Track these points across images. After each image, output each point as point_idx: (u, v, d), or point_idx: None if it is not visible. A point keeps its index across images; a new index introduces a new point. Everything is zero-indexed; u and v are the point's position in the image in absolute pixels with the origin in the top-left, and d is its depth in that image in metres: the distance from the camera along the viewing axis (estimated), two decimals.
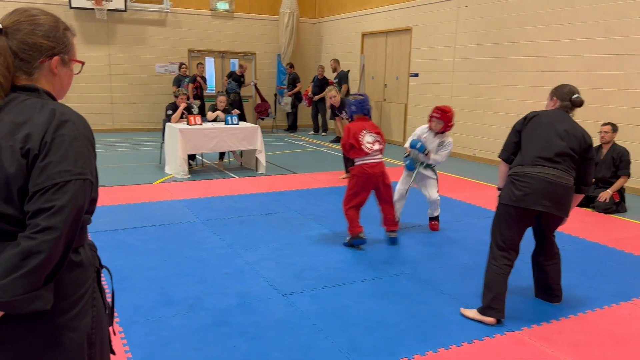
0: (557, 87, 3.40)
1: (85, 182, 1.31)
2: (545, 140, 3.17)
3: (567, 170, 3.16)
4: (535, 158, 3.14)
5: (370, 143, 4.45)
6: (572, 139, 3.17)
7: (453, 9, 9.70)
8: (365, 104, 4.61)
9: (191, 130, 7.37)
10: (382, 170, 4.49)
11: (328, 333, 3.05)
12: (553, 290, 3.51)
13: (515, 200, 3.12)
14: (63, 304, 1.38)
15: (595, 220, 5.64)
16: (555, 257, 3.49)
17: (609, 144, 6.08)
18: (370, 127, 4.53)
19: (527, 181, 3.10)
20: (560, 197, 3.13)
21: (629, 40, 6.92)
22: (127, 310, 3.27)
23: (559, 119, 3.25)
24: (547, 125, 3.21)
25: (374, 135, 4.49)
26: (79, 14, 11.59)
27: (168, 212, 5.53)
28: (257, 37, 13.74)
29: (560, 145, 3.14)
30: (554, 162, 3.12)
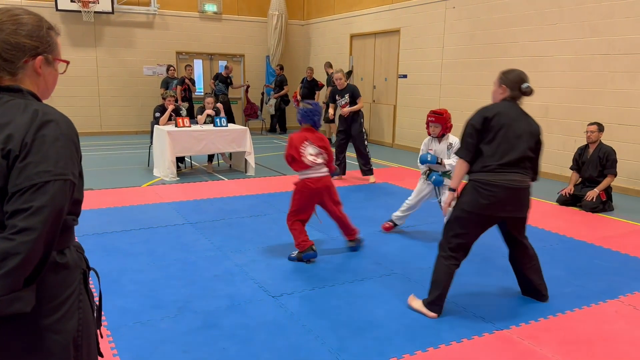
0: (505, 73, 3.27)
1: (66, 183, 1.29)
2: (508, 145, 3.11)
3: (527, 170, 3.19)
4: (499, 165, 3.09)
5: (313, 155, 4.16)
6: (530, 139, 3.19)
7: (441, 10, 9.75)
8: (312, 114, 4.28)
9: (179, 133, 7.33)
10: (326, 185, 4.24)
11: (318, 334, 3.04)
12: (539, 291, 3.52)
13: (480, 208, 3.12)
14: (48, 306, 1.36)
15: (582, 219, 5.69)
16: (532, 259, 3.49)
17: (595, 143, 6.14)
18: (314, 139, 4.22)
19: (492, 190, 3.08)
20: (522, 199, 3.20)
21: (614, 40, 6.99)
22: (115, 314, 3.24)
23: (516, 118, 3.18)
24: (507, 128, 3.12)
25: (317, 147, 4.18)
26: (66, 16, 11.50)
27: (156, 215, 5.50)
28: (246, 38, 13.71)
29: (522, 149, 3.14)
30: (516, 167, 3.13)
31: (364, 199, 6.47)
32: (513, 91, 3.22)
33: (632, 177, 6.93)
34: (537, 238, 4.92)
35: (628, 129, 6.92)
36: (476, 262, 4.26)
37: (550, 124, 7.97)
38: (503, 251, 4.52)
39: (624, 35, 6.88)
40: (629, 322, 3.26)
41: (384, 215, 5.69)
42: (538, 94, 8.07)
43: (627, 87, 6.90)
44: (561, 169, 7.66)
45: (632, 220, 5.65)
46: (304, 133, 4.27)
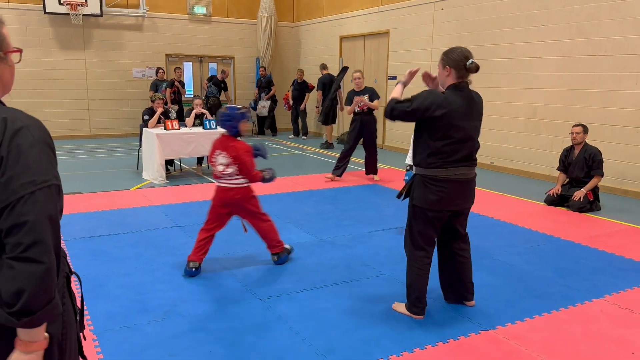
0: (447, 53, 3.13)
1: (52, 188, 1.29)
2: (458, 143, 3.05)
3: (474, 162, 3.18)
4: (447, 161, 3.06)
5: (222, 165, 3.93)
6: (478, 127, 3.18)
7: (429, 12, 9.80)
8: (227, 119, 3.95)
9: (168, 135, 7.31)
10: (238, 197, 3.98)
11: (305, 336, 3.04)
12: (467, 290, 3.43)
13: (430, 203, 3.12)
14: None
15: (569, 219, 5.74)
16: (467, 246, 3.42)
17: (580, 144, 6.18)
18: (226, 148, 3.91)
19: (442, 185, 3.08)
20: (471, 190, 3.22)
21: (600, 41, 7.06)
22: (101, 318, 3.22)
23: (467, 111, 3.07)
24: (459, 124, 3.02)
25: (228, 158, 3.90)
26: (54, 19, 11.43)
27: (145, 218, 5.48)
28: (236, 41, 13.70)
29: (472, 145, 3.12)
30: (465, 161, 3.11)
31: (353, 200, 6.48)
32: (459, 71, 3.08)
33: (618, 177, 6.99)
34: (524, 238, 4.98)
35: (614, 129, 6.99)
36: None
37: (538, 124, 8.04)
38: (490, 253, 4.57)
39: (609, 36, 6.95)
40: (614, 321, 3.29)
41: (374, 216, 5.72)
42: (526, 95, 8.17)
43: (613, 88, 6.96)
44: (549, 169, 7.72)
45: (618, 219, 5.70)
46: (220, 140, 4.01)
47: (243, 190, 4.02)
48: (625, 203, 6.51)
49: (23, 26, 11.22)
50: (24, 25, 11.22)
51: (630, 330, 3.16)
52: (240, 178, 3.98)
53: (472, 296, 3.46)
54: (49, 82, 11.66)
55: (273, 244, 4.19)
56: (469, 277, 3.43)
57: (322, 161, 9.56)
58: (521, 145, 8.31)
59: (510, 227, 5.35)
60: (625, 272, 4.12)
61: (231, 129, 3.98)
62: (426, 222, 3.18)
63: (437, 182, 3.09)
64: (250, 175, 3.97)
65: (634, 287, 3.83)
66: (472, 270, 3.45)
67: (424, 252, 3.24)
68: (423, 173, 3.14)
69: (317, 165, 9.11)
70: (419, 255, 3.24)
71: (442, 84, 3.21)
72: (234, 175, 3.96)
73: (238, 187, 3.99)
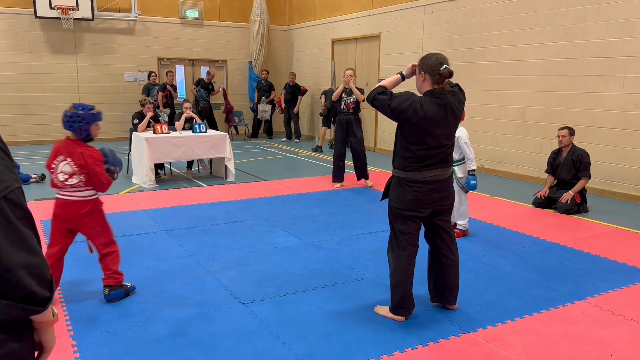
0: (423, 59, 3.15)
1: (14, 192, 1.28)
2: (433, 149, 3.10)
3: (449, 163, 3.23)
4: (421, 165, 3.11)
5: (64, 174, 3.35)
6: (453, 132, 3.20)
7: (419, 16, 9.83)
8: (76, 120, 3.32)
9: (158, 139, 7.31)
10: (81, 212, 3.41)
11: (285, 340, 3.04)
12: (451, 292, 3.43)
13: (407, 204, 3.15)
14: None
15: (556, 221, 5.76)
16: (454, 247, 3.42)
17: (567, 147, 6.21)
18: (71, 154, 3.35)
19: (418, 186, 3.12)
20: (447, 188, 3.24)
21: (587, 44, 7.10)
22: (82, 324, 3.22)
23: (442, 119, 3.08)
24: (433, 131, 3.07)
25: (72, 166, 3.34)
26: (45, 23, 11.42)
27: (132, 222, 5.47)
28: (228, 44, 13.71)
29: (446, 150, 3.16)
30: (439, 164, 3.16)
31: (342, 203, 6.49)
32: (434, 76, 3.11)
33: (606, 179, 7.02)
34: (510, 240, 4.99)
35: (602, 131, 7.02)
36: None
37: (527, 126, 8.07)
38: (475, 255, 4.57)
39: (596, 39, 6.98)
40: (595, 323, 3.30)
41: (361, 219, 5.72)
42: (515, 98, 8.20)
43: (600, 90, 7.00)
44: (538, 171, 7.74)
45: (605, 221, 5.72)
46: (63, 144, 3.42)
47: (89, 203, 3.44)
48: (612, 205, 6.54)
49: (14, 30, 11.20)
50: (14, 29, 11.20)
51: (609, 332, 3.18)
52: (86, 190, 3.41)
53: (455, 300, 3.46)
54: (40, 87, 11.63)
55: (109, 275, 3.56)
56: (453, 280, 3.42)
57: (314, 164, 9.57)
58: (511, 147, 8.34)
59: (496, 230, 5.36)
60: (609, 274, 4.14)
61: (81, 132, 3.36)
62: (405, 221, 3.20)
63: (413, 184, 3.13)
64: (102, 187, 3.44)
65: (616, 289, 3.85)
66: (458, 274, 3.44)
67: (407, 252, 3.24)
68: (399, 175, 3.19)
69: (308, 169, 9.12)
70: (402, 255, 3.24)
71: (419, 89, 3.23)
72: (78, 187, 3.38)
73: (83, 201, 3.41)
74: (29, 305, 1.26)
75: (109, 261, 3.57)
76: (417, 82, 3.22)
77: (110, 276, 3.56)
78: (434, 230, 3.36)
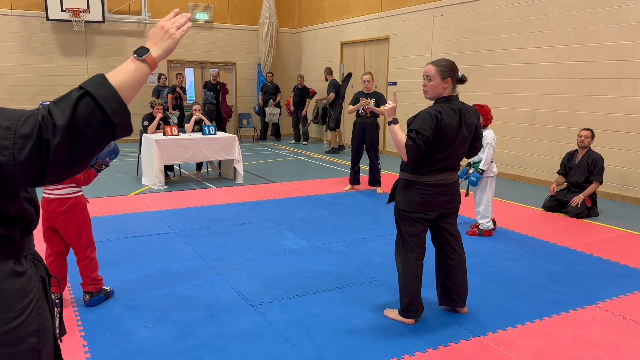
0: (447, 66, 3.13)
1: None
2: (450, 152, 3.15)
3: (458, 168, 3.30)
4: (433, 169, 3.15)
5: None
6: (468, 137, 3.23)
7: (428, 18, 9.82)
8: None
9: (167, 141, 7.35)
10: (59, 210, 3.32)
11: (294, 342, 3.05)
12: (460, 295, 3.42)
13: (414, 206, 3.17)
14: (7, 315, 1.37)
15: (566, 224, 5.72)
16: (460, 250, 3.42)
17: (585, 149, 6.16)
18: None
19: (425, 189, 3.15)
20: (454, 191, 3.27)
21: (598, 47, 7.06)
22: (93, 324, 3.24)
23: (458, 123, 3.13)
24: (450, 135, 3.10)
25: None
26: (56, 25, 11.53)
27: (141, 224, 5.50)
28: (237, 47, 13.76)
29: (458, 154, 3.22)
30: (448, 169, 3.21)
31: (350, 206, 6.48)
32: (454, 83, 3.16)
33: (617, 183, 6.97)
34: (519, 244, 4.97)
35: (613, 134, 6.97)
36: None
37: (536, 130, 8.03)
38: (485, 258, 4.56)
39: (607, 42, 6.94)
40: (605, 328, 3.27)
41: (370, 221, 5.72)
42: (524, 101, 8.17)
43: (611, 94, 6.96)
44: (547, 174, 7.70)
45: (616, 225, 5.68)
46: None
47: (68, 201, 3.34)
48: (623, 209, 6.49)
49: (26, 33, 11.31)
50: (26, 32, 11.31)
51: (621, 337, 3.15)
52: (65, 187, 3.34)
53: (464, 303, 3.45)
54: (51, 88, 11.73)
55: (89, 282, 3.51)
56: (460, 282, 3.41)
57: (322, 166, 9.57)
58: (520, 150, 8.31)
59: (506, 233, 5.34)
60: (619, 279, 4.11)
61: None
62: (412, 223, 3.22)
63: (421, 186, 3.15)
64: (84, 182, 3.40)
65: (627, 294, 3.82)
66: (466, 277, 3.43)
67: (415, 254, 3.25)
68: (407, 178, 3.20)
69: (317, 171, 9.13)
70: (410, 257, 3.24)
71: (438, 94, 3.18)
72: (63, 185, 3.32)
73: (62, 198, 3.33)
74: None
75: (88, 269, 3.49)
76: (438, 88, 3.15)
77: (90, 283, 3.51)
78: (439, 233, 3.36)
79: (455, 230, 3.38)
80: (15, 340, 1.38)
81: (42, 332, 1.46)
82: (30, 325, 1.42)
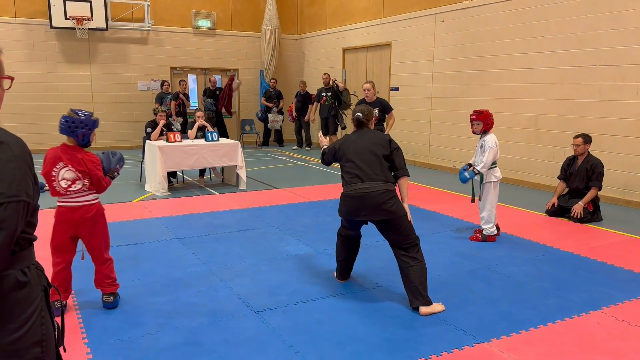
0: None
1: (20, 204, 1.32)
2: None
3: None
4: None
5: (67, 181, 3.36)
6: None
7: (430, 24, 9.85)
8: (79, 126, 3.37)
9: (170, 148, 7.37)
10: (86, 217, 3.43)
11: (298, 349, 3.04)
12: (412, 293, 3.58)
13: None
14: (11, 325, 1.38)
15: (570, 229, 5.70)
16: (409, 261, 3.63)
17: (583, 155, 6.15)
18: (71, 160, 3.37)
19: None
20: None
21: (600, 52, 7.06)
22: (97, 331, 3.24)
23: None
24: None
25: (74, 172, 3.37)
26: (60, 33, 11.60)
27: (145, 230, 5.51)
28: (240, 53, 13.82)
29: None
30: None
31: None
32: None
33: (621, 187, 6.95)
34: (523, 249, 4.96)
35: (616, 139, 6.96)
36: (459, 275, 4.28)
37: (539, 135, 8.03)
38: (488, 264, 4.55)
39: (609, 46, 6.95)
40: (610, 334, 3.26)
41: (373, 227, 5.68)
42: (527, 106, 8.17)
43: (613, 98, 6.95)
44: (551, 179, 7.69)
45: (619, 230, 5.66)
46: (60, 151, 3.41)
47: (93, 207, 3.47)
48: (627, 214, 6.47)
49: (30, 40, 11.38)
50: (30, 39, 11.39)
51: (626, 343, 3.14)
52: (89, 194, 3.45)
53: (418, 302, 3.52)
54: (55, 96, 11.79)
55: (111, 282, 3.60)
56: (412, 281, 3.55)
57: (325, 172, 9.58)
58: (523, 155, 8.30)
59: (510, 238, 5.33)
60: (624, 284, 4.09)
61: (83, 138, 3.41)
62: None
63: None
64: (102, 190, 3.52)
65: (632, 299, 3.80)
66: (418, 276, 3.56)
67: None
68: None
69: (319, 177, 9.13)
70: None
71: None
72: (81, 192, 3.41)
73: (88, 205, 3.44)
74: None
75: (109, 270, 3.61)
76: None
77: (112, 284, 3.60)
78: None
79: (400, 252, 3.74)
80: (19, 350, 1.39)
81: (45, 341, 1.46)
82: (34, 335, 1.43)
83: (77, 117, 3.37)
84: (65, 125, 3.38)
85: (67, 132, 3.39)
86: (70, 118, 3.37)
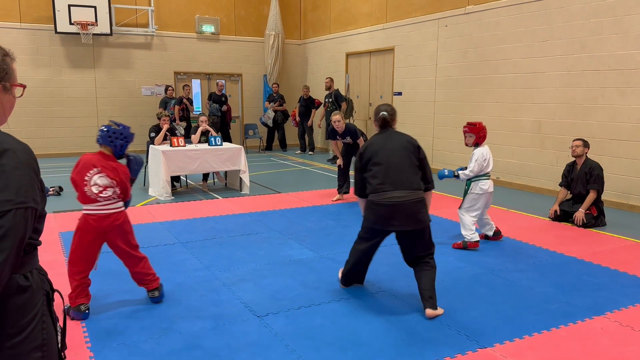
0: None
1: (27, 210, 1.33)
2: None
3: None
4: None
5: (99, 187, 3.44)
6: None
7: (433, 29, 9.86)
8: (119, 137, 3.57)
9: (174, 152, 7.39)
10: (116, 224, 3.52)
11: (301, 353, 3.04)
12: (422, 295, 3.59)
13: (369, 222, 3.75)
14: (11, 329, 1.38)
15: (573, 234, 5.69)
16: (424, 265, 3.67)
17: (581, 158, 6.13)
18: (106, 167, 3.49)
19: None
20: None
21: (603, 56, 7.05)
22: (100, 335, 3.24)
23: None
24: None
25: (107, 179, 3.47)
26: (65, 38, 11.66)
27: (148, 234, 5.51)
28: (243, 58, 13.86)
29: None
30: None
31: (356, 216, 6.47)
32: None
33: (625, 192, 6.93)
34: (527, 254, 4.94)
35: (620, 143, 6.94)
36: (462, 280, 4.27)
37: (542, 139, 8.01)
38: (492, 269, 4.54)
39: (613, 51, 6.94)
40: (614, 339, 3.24)
41: None
42: (530, 110, 8.16)
43: (617, 103, 6.94)
44: (554, 184, 7.67)
45: (623, 235, 5.64)
46: (95, 158, 3.53)
47: (122, 214, 3.59)
48: (631, 218, 6.45)
49: (35, 46, 11.45)
50: (35, 44, 11.45)
51: (630, 348, 3.12)
52: (118, 201, 3.55)
53: (428, 304, 3.52)
54: (59, 100, 11.85)
55: (146, 279, 3.71)
56: (423, 284, 3.58)
57: (328, 177, 9.59)
58: (526, 160, 8.29)
59: (513, 243, 5.31)
60: (628, 289, 4.07)
61: (120, 149, 3.59)
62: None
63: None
64: (128, 198, 3.65)
65: (636, 304, 3.78)
66: (429, 280, 3.59)
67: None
68: None
69: (323, 181, 9.14)
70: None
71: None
72: (111, 199, 3.49)
73: (118, 213, 3.54)
74: None
75: (146, 267, 3.72)
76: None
77: (154, 279, 3.73)
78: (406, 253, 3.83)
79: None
80: (19, 355, 1.39)
81: (46, 346, 1.47)
82: (35, 339, 1.43)
83: (117, 128, 3.55)
84: (105, 134, 3.54)
85: (105, 142, 3.54)
86: (111, 128, 3.54)
